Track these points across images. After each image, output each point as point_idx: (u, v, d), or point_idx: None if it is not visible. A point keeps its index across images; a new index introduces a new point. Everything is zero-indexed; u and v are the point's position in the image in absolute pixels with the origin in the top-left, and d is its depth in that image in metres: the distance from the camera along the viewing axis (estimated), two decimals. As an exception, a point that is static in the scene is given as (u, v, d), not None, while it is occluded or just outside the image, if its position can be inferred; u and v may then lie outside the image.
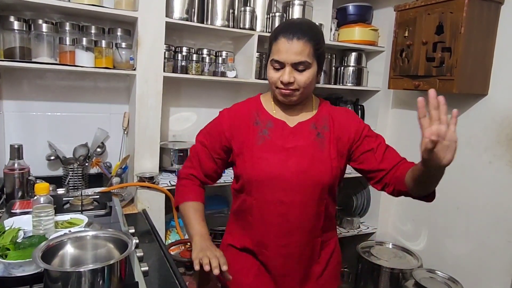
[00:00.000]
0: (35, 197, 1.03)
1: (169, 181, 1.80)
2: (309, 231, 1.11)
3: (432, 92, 0.80)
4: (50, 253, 0.83)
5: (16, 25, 1.50)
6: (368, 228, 2.38)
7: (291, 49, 1.00)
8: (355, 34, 2.22)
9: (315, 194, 1.08)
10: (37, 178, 1.57)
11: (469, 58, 1.70)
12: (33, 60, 1.55)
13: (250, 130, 1.12)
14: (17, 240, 0.96)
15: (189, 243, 1.80)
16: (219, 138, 1.15)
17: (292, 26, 1.04)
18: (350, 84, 2.32)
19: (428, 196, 1.07)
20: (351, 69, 2.32)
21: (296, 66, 1.02)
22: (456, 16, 1.66)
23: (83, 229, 1.06)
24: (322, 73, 1.12)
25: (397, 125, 2.33)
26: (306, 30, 1.02)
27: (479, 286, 1.85)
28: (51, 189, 1.54)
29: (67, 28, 1.63)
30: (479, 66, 1.75)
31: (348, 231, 2.30)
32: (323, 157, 1.09)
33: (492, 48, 1.76)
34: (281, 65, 1.03)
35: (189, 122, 2.16)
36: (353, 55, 2.34)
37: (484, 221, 1.83)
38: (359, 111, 2.42)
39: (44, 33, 1.56)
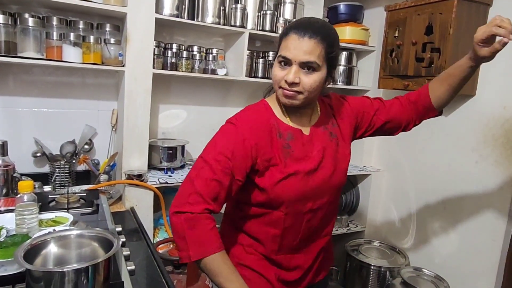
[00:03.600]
0: (19, 195, 1.01)
1: (158, 179, 1.79)
2: (327, 229, 1.15)
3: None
4: (32, 253, 0.82)
5: (1, 18, 1.47)
6: (356, 226, 2.39)
7: (300, 47, 0.92)
8: (346, 33, 2.23)
9: (336, 193, 1.11)
10: (22, 175, 1.55)
11: (458, 59, 1.69)
12: (19, 54, 1.52)
13: (275, 144, 1.00)
14: (0, 239, 0.94)
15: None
16: (246, 157, 0.96)
17: (305, 23, 0.96)
18: (340, 83, 2.33)
19: (441, 111, 1.25)
20: (341, 68, 2.32)
21: (303, 66, 0.94)
22: (445, 17, 1.68)
23: (67, 227, 1.05)
24: (331, 81, 1.06)
25: (386, 125, 2.34)
26: (320, 29, 0.95)
27: (465, 284, 1.87)
28: (36, 186, 1.53)
29: (54, 22, 1.61)
30: (467, 67, 1.77)
31: (337, 230, 2.31)
32: (341, 156, 1.09)
33: (480, 50, 1.78)
34: (288, 63, 0.95)
35: (178, 120, 2.14)
36: (344, 55, 2.35)
37: (470, 220, 1.85)
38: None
39: (30, 27, 1.53)
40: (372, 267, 2.04)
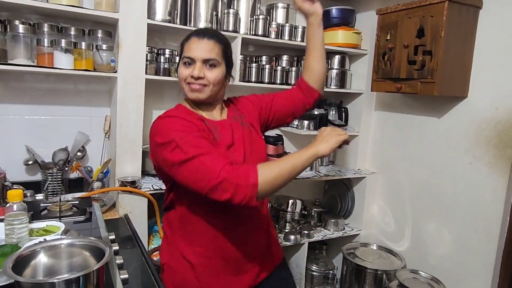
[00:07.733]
0: (8, 205, 0.99)
1: (152, 185, 1.77)
2: (258, 217, 1.22)
3: None
4: (22, 263, 0.80)
5: (-10, 26, 1.46)
6: (352, 229, 2.39)
7: (201, 47, 1.08)
8: (339, 37, 2.24)
9: None
10: (13, 183, 1.53)
11: (449, 61, 1.72)
12: (9, 62, 1.51)
13: (202, 128, 1.11)
14: (-11, 250, 0.92)
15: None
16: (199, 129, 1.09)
17: (203, 29, 1.16)
18: (334, 87, 2.33)
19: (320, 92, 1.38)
20: (334, 71, 2.33)
21: (205, 62, 1.09)
22: (436, 20, 1.69)
23: (58, 237, 1.03)
24: (231, 79, 1.24)
25: (380, 127, 2.35)
26: (215, 33, 1.14)
27: (461, 285, 1.87)
28: (28, 194, 1.51)
29: (45, 29, 1.59)
30: (459, 69, 1.78)
31: (333, 233, 2.31)
32: (257, 139, 1.19)
33: (471, 51, 1.79)
34: (192, 61, 1.09)
35: (172, 125, 2.13)
36: (337, 58, 2.36)
37: (465, 221, 1.85)
38: (343, 114, 2.43)
39: (20, 34, 1.52)
40: (368, 270, 2.04)
